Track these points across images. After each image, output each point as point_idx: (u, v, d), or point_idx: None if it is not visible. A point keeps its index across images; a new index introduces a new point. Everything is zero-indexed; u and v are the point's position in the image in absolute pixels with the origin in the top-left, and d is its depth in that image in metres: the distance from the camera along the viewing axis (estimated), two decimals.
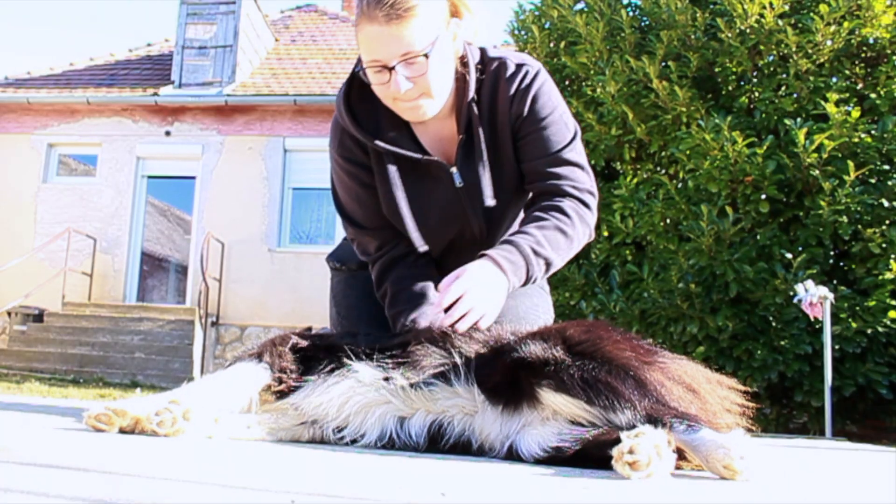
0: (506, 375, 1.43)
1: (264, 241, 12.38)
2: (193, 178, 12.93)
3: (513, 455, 1.42)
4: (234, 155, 12.77)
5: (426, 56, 1.68)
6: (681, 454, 1.29)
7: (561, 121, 1.88)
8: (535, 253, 1.75)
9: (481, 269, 1.68)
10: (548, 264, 1.78)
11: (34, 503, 0.73)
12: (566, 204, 1.83)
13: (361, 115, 1.89)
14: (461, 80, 1.85)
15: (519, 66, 1.86)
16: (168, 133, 12.97)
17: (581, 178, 1.88)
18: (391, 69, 1.70)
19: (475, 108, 1.85)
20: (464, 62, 1.84)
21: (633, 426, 1.25)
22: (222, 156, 12.81)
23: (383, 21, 1.65)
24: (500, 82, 1.85)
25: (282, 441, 1.56)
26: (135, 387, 8.05)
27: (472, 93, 1.83)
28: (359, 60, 1.83)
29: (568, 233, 1.81)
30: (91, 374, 9.53)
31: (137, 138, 12.99)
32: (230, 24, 13.14)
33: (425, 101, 1.77)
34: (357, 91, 1.88)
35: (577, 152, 1.89)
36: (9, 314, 11.44)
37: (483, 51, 1.91)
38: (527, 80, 1.84)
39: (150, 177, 13.22)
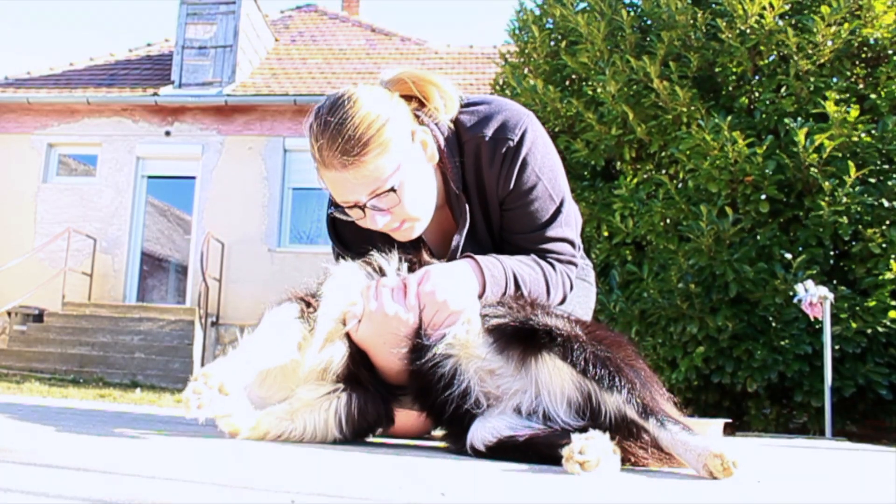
0: (522, 332, 1.48)
1: (264, 241, 12.39)
2: (193, 178, 12.94)
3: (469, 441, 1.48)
4: (234, 155, 12.77)
5: (394, 189, 1.60)
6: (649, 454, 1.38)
7: (545, 194, 1.77)
8: (515, 278, 1.70)
9: (458, 272, 1.63)
10: (520, 295, 1.71)
11: (34, 503, 0.73)
12: (548, 262, 1.80)
13: (352, 235, 1.84)
14: (443, 174, 1.76)
15: (497, 142, 1.73)
16: (168, 133, 12.97)
17: (564, 250, 1.82)
18: (363, 207, 1.63)
19: (465, 203, 1.76)
20: (441, 155, 1.73)
21: (618, 412, 1.35)
22: (222, 156, 12.81)
23: (340, 168, 1.57)
24: (481, 160, 1.75)
25: (288, 441, 1.56)
26: (135, 387, 8.05)
27: (457, 185, 1.75)
28: (330, 199, 1.76)
29: (548, 283, 1.76)
30: (91, 374, 9.53)
31: (137, 138, 12.99)
32: (230, 24, 13.15)
33: (410, 224, 1.70)
34: (339, 216, 1.77)
35: (561, 225, 1.81)
36: (9, 314, 11.44)
37: (458, 127, 1.77)
38: (508, 157, 1.72)
39: (150, 177, 13.23)
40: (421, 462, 1.33)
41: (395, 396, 1.66)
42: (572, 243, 1.85)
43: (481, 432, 1.46)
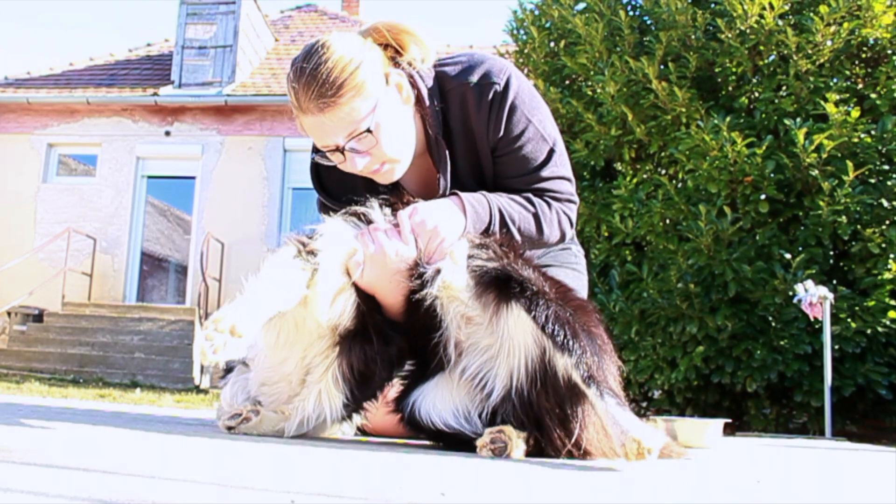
0: (498, 280, 1.54)
1: (264, 241, 12.38)
2: (193, 178, 12.94)
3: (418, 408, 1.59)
4: (234, 155, 12.77)
5: (370, 130, 1.63)
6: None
7: (537, 135, 1.80)
8: (501, 214, 1.73)
9: (442, 204, 1.69)
10: (508, 232, 1.75)
11: (34, 503, 0.73)
12: (545, 200, 1.82)
13: (336, 184, 1.88)
14: (423, 120, 1.77)
15: (483, 87, 1.75)
16: (168, 133, 12.97)
17: (561, 188, 1.85)
18: (342, 150, 1.67)
19: (444, 148, 1.78)
20: (419, 100, 1.75)
21: (566, 374, 1.44)
22: (222, 156, 12.81)
23: (316, 111, 1.61)
24: (468, 107, 1.76)
25: (287, 440, 1.56)
26: (135, 387, 8.05)
27: (435, 130, 1.77)
28: (314, 146, 1.80)
29: (540, 221, 1.79)
30: (91, 374, 9.53)
31: (137, 138, 12.99)
32: (230, 24, 13.15)
33: (390, 166, 1.72)
34: (321, 162, 1.80)
35: (556, 165, 1.83)
36: (9, 314, 11.44)
37: (441, 75, 1.80)
38: (496, 102, 1.75)
39: (149, 177, 13.23)
40: (421, 462, 1.34)
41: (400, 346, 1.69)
42: (570, 181, 1.88)
43: (434, 408, 1.58)
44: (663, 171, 6.51)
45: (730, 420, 4.29)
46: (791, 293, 5.20)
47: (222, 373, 1.84)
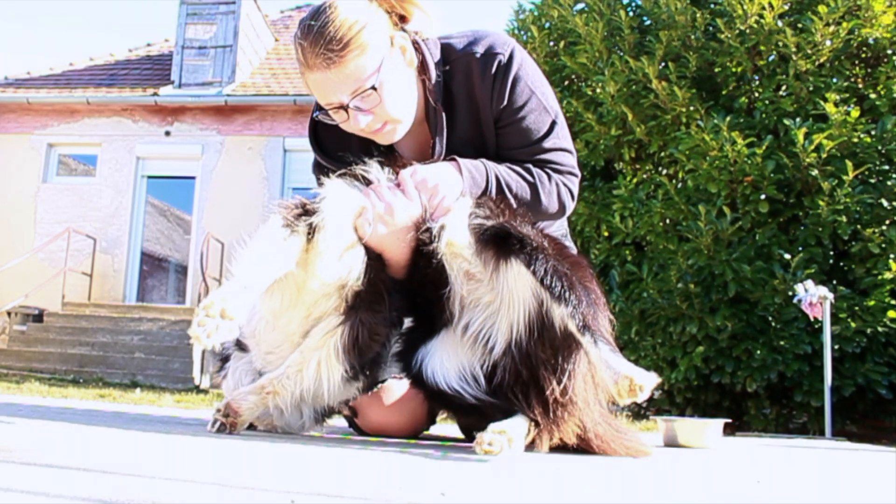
0: (498, 237, 1.59)
1: None
2: (193, 178, 12.93)
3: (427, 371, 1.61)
4: (234, 155, 12.77)
5: (374, 88, 1.67)
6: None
7: (540, 107, 1.85)
8: (497, 181, 1.77)
9: (440, 165, 1.73)
10: (504, 199, 1.78)
11: (34, 503, 0.73)
12: (546, 171, 1.86)
13: (333, 144, 1.90)
14: (424, 86, 1.81)
15: (488, 57, 1.80)
16: (168, 133, 12.96)
17: (563, 160, 1.90)
18: (346, 108, 1.70)
19: (442, 115, 1.82)
20: (423, 67, 1.80)
21: (562, 324, 1.49)
22: (222, 156, 12.81)
23: (323, 67, 1.65)
24: (472, 76, 1.81)
25: (283, 434, 1.56)
26: (134, 387, 8.04)
27: (435, 97, 1.81)
28: (316, 103, 1.82)
29: (539, 191, 1.82)
30: (91, 374, 9.52)
31: (137, 138, 12.99)
32: (230, 24, 13.14)
33: (392, 126, 1.76)
34: (323, 124, 1.86)
35: (558, 137, 1.88)
36: (9, 314, 11.43)
37: (446, 47, 1.85)
38: (500, 73, 1.79)
39: (149, 177, 13.22)
40: (421, 462, 1.34)
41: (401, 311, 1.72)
42: (571, 153, 1.92)
43: (443, 368, 1.61)
44: (663, 171, 6.51)
45: (730, 420, 4.29)
46: (791, 293, 5.20)
47: (219, 365, 1.86)
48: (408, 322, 1.76)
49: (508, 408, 1.56)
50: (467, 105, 1.84)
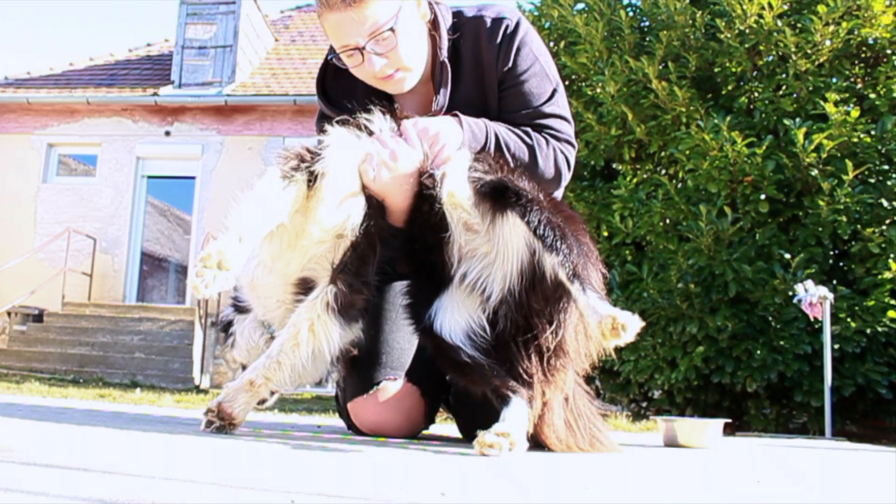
0: (496, 190, 1.64)
1: None
2: (193, 178, 12.93)
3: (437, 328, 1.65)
4: (234, 155, 12.76)
5: (392, 30, 1.72)
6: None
7: (542, 73, 1.92)
8: (497, 139, 1.82)
9: (442, 118, 1.79)
10: (502, 157, 1.83)
11: (34, 503, 0.73)
12: (544, 136, 1.92)
13: (338, 94, 1.96)
14: (433, 44, 1.88)
15: (497, 21, 1.90)
16: (168, 133, 12.96)
17: (561, 128, 1.96)
18: (362, 50, 1.74)
19: (448, 70, 1.88)
20: (434, 24, 1.87)
21: (553, 273, 1.53)
22: (222, 156, 12.81)
23: (342, 7, 1.69)
24: (480, 39, 1.89)
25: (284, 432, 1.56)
26: (135, 387, 8.05)
27: (443, 54, 1.87)
28: (331, 48, 1.87)
29: (536, 154, 1.88)
30: (91, 374, 9.52)
31: (137, 138, 12.98)
32: (230, 24, 13.14)
33: (403, 74, 1.82)
34: (333, 72, 1.94)
35: (558, 105, 1.95)
36: (9, 314, 11.43)
37: (458, 13, 1.94)
38: (507, 35, 1.88)
39: (149, 177, 13.22)
40: (421, 462, 1.34)
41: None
42: (569, 122, 1.99)
43: (450, 323, 1.66)
44: (663, 171, 6.51)
45: (730, 420, 4.29)
46: (791, 293, 5.20)
47: (224, 336, 1.89)
48: (416, 275, 1.80)
49: (507, 370, 1.61)
50: (473, 67, 1.91)
